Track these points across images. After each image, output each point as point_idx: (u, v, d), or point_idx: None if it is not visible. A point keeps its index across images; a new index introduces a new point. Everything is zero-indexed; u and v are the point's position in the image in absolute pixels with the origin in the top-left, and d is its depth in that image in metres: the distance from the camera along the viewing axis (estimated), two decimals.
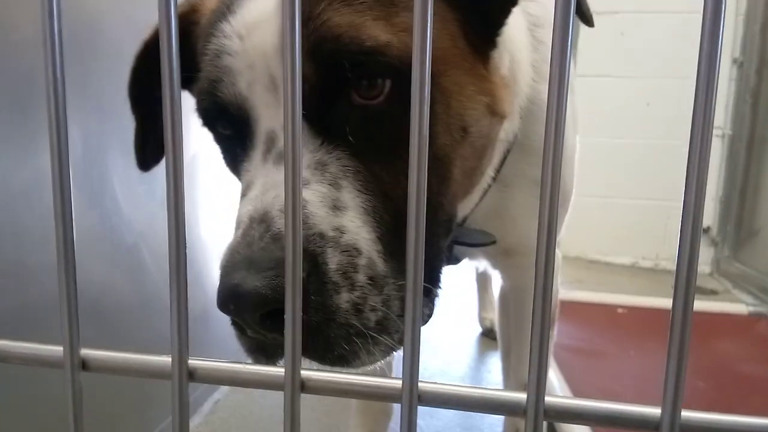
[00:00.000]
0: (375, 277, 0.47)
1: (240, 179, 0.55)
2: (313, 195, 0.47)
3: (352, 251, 0.46)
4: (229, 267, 0.44)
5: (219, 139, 0.61)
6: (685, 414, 0.28)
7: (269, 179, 0.49)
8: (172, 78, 0.30)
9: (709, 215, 2.86)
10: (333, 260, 0.45)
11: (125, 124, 1.10)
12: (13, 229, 0.82)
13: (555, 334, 1.06)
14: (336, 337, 0.45)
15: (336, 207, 0.48)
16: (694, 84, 0.28)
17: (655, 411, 0.29)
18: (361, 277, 0.46)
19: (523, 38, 0.70)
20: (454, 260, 0.90)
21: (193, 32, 0.61)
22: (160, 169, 0.31)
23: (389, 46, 0.49)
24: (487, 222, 0.79)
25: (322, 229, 0.46)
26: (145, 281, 1.17)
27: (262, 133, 0.52)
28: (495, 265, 0.97)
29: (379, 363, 0.49)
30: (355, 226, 0.48)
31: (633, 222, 2.96)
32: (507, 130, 0.69)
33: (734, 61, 2.74)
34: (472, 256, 0.93)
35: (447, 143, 0.55)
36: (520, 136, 0.73)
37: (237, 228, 0.48)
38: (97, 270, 1.03)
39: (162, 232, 0.31)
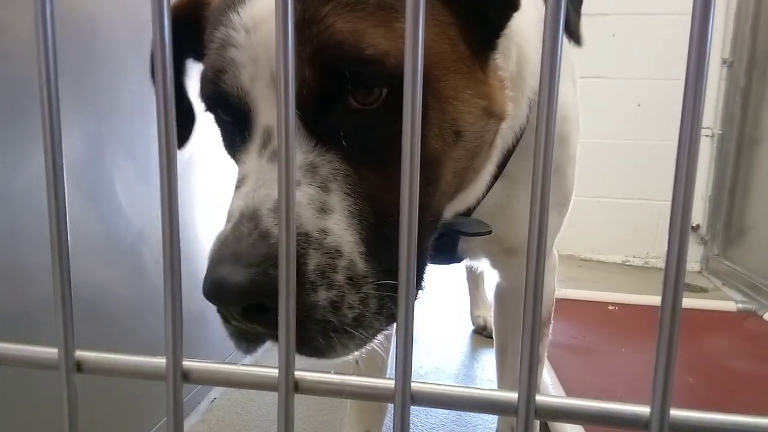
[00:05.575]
0: (354, 278, 0.50)
1: (237, 165, 0.57)
2: (303, 196, 0.49)
3: (333, 253, 0.49)
4: (216, 259, 0.47)
5: (220, 122, 0.62)
6: (674, 412, 0.29)
7: (262, 176, 0.51)
8: (165, 76, 0.30)
9: (699, 214, 2.89)
10: (313, 261, 0.48)
11: (124, 125, 1.09)
12: (10, 230, 0.81)
13: (549, 332, 1.07)
14: (313, 332, 0.49)
15: (323, 209, 0.50)
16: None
17: (644, 410, 0.29)
18: (339, 277, 0.49)
19: (532, 31, 0.71)
20: (456, 259, 0.91)
21: (203, 17, 0.62)
22: (158, 170, 0.31)
23: (388, 55, 0.50)
24: (492, 219, 0.80)
25: (308, 230, 0.49)
26: (143, 281, 1.17)
27: (260, 127, 0.53)
28: (495, 265, 0.97)
29: (356, 354, 0.53)
30: (339, 229, 0.50)
31: (624, 221, 2.98)
32: (512, 125, 0.71)
33: (724, 61, 2.76)
34: (473, 256, 0.93)
35: (438, 147, 0.56)
36: (527, 130, 0.74)
37: (228, 221, 0.50)
38: (95, 270, 1.02)
39: (160, 232, 0.31)
